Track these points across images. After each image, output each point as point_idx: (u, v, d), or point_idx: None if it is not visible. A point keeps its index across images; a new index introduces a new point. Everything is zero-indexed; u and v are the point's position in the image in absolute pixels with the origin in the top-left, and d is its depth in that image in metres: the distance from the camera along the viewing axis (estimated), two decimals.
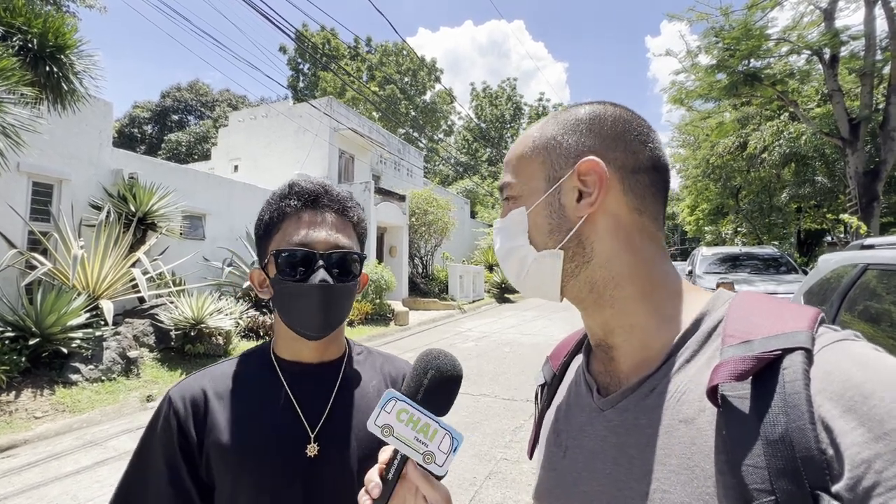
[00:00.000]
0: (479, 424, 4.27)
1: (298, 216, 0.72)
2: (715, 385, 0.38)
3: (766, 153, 14.43)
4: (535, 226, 0.52)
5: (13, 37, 4.29)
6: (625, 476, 0.45)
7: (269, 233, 0.74)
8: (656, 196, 0.51)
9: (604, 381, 0.52)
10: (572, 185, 0.49)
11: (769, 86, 11.12)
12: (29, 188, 6.34)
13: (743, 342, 0.40)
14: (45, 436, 4.03)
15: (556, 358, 0.65)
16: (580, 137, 0.50)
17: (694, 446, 0.40)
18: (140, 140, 34.14)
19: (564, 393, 0.59)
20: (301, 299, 0.70)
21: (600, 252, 0.49)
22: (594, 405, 0.51)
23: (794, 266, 8.26)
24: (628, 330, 0.49)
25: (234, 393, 0.72)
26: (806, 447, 0.33)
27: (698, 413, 0.41)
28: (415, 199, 14.80)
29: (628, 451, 0.45)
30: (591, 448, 0.50)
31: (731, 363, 0.38)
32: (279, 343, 0.77)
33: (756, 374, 0.38)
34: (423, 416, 0.54)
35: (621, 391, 0.48)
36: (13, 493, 3.07)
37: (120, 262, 6.26)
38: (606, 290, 0.49)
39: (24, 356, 4.67)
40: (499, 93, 40.63)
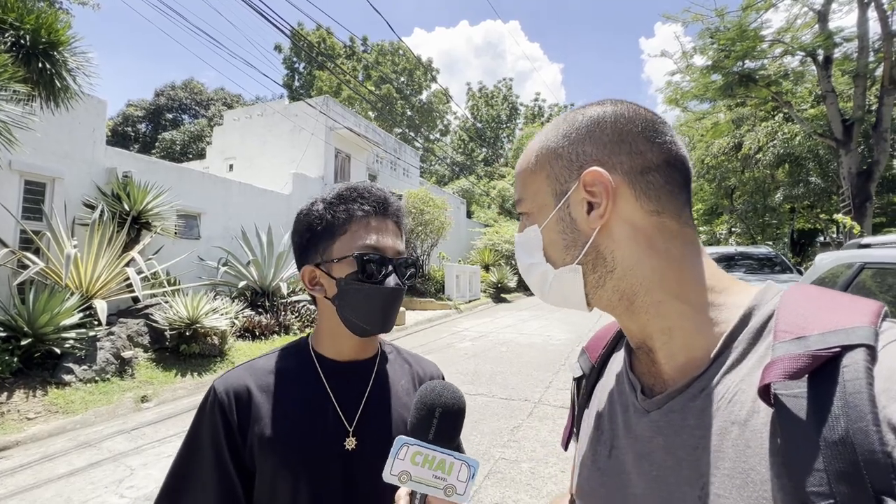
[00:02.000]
0: (476, 424, 4.26)
1: (367, 221, 0.76)
2: (767, 384, 0.36)
3: (760, 154, 14.55)
4: (550, 243, 0.50)
5: (5, 33, 4.24)
6: (674, 479, 0.43)
7: (332, 233, 0.76)
8: (674, 192, 0.48)
9: (648, 381, 0.50)
10: (580, 198, 0.48)
11: (764, 87, 11.21)
12: (21, 187, 6.26)
13: (797, 338, 0.37)
14: (37, 437, 3.97)
15: (593, 350, 0.63)
16: (580, 146, 0.49)
17: (749, 449, 0.38)
18: (134, 138, 33.87)
19: (606, 390, 0.57)
20: (374, 299, 0.74)
21: (622, 260, 0.47)
22: (639, 406, 0.49)
23: (788, 266, 8.33)
24: (667, 333, 0.47)
25: (276, 387, 0.75)
26: (869, 449, 0.32)
27: (752, 414, 0.39)
28: (411, 198, 14.77)
29: (677, 453, 0.44)
30: (637, 449, 0.48)
31: (784, 361, 0.36)
32: (322, 340, 0.80)
33: (813, 372, 0.36)
34: (438, 454, 0.55)
35: (668, 392, 0.46)
36: (5, 495, 3.03)
37: (114, 262, 6.20)
38: (637, 297, 0.47)
39: (16, 356, 4.61)
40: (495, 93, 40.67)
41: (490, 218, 23.30)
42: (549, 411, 4.58)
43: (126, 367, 5.40)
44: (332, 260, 0.75)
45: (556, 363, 6.64)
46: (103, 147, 7.43)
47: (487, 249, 19.03)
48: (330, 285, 0.76)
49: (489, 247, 19.02)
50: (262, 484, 0.70)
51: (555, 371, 6.17)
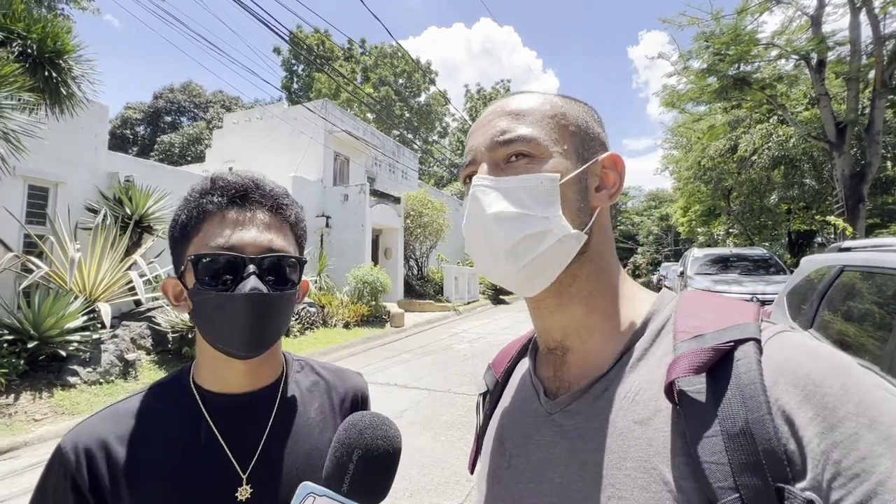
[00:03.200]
0: (473, 424, 4.35)
1: (223, 215, 0.60)
2: (672, 381, 0.37)
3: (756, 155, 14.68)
4: (565, 200, 0.45)
5: (12, 42, 4.33)
6: (577, 484, 0.42)
7: (186, 235, 0.61)
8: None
9: (552, 385, 0.50)
10: (595, 173, 0.48)
11: (758, 90, 11.33)
12: (25, 191, 6.34)
13: (695, 336, 0.39)
14: (45, 438, 4.06)
15: (498, 365, 0.62)
16: (598, 127, 0.50)
17: (651, 448, 0.38)
18: (132, 141, 33.91)
19: (509, 399, 0.55)
20: (227, 312, 0.57)
21: (594, 245, 0.48)
22: (542, 409, 0.48)
23: (782, 267, 8.44)
24: (590, 332, 0.47)
25: (145, 435, 0.60)
26: (766, 439, 0.33)
27: (654, 413, 0.40)
28: (410, 201, 14.87)
29: (580, 457, 0.43)
30: (538, 456, 0.46)
31: (688, 356, 0.38)
32: (201, 369, 0.64)
33: (710, 367, 0.37)
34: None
35: (571, 393, 0.46)
36: (17, 493, 3.11)
37: (116, 265, 6.28)
38: (587, 286, 0.48)
39: (22, 359, 4.69)
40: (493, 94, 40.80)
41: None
42: None
43: (130, 370, 5.48)
44: (182, 268, 0.61)
45: None
46: (105, 152, 7.51)
47: None
48: (188, 300, 0.61)
49: None
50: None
51: None
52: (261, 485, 0.60)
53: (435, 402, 5.02)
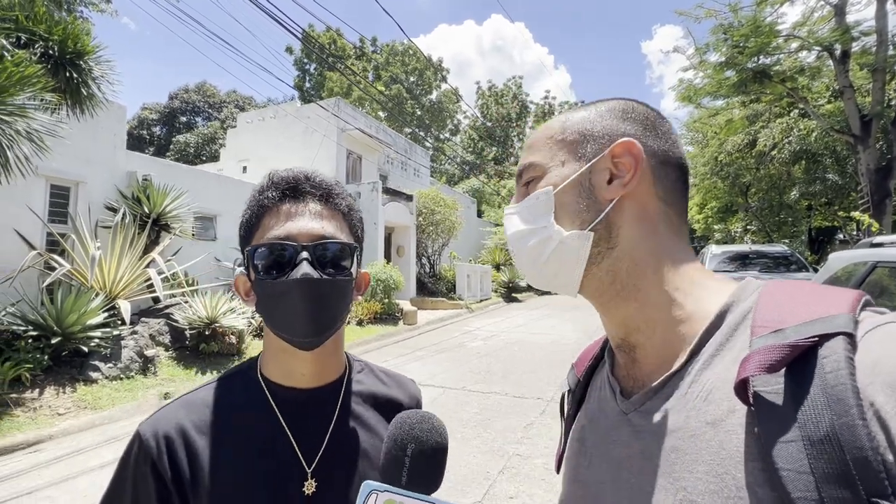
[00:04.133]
0: (490, 421, 4.33)
1: (278, 208, 0.63)
2: (744, 379, 0.34)
3: (775, 150, 14.33)
4: (561, 206, 0.49)
5: (35, 44, 4.42)
6: (650, 485, 0.41)
7: (249, 233, 0.65)
8: (680, 192, 0.50)
9: (627, 384, 0.49)
10: (604, 167, 0.48)
11: (779, 83, 11.05)
12: (47, 191, 6.48)
13: (774, 331, 0.36)
14: (68, 431, 4.14)
15: (580, 364, 0.62)
16: (615, 121, 0.49)
17: (723, 451, 0.36)
18: (149, 141, 34.55)
19: (590, 399, 0.56)
20: (283, 299, 0.60)
21: (626, 238, 0.47)
22: (618, 409, 0.48)
23: (804, 264, 8.23)
24: (651, 326, 0.46)
25: (220, 425, 0.62)
26: (857, 447, 0.29)
27: (727, 414, 0.37)
28: (422, 198, 14.87)
29: (653, 458, 0.42)
30: (616, 456, 0.46)
31: (760, 353, 0.34)
32: (268, 362, 0.67)
33: (791, 365, 0.33)
34: (415, 502, 0.48)
35: (644, 392, 0.45)
36: (43, 485, 3.18)
37: (135, 263, 6.39)
38: (630, 280, 0.46)
39: (46, 355, 4.80)
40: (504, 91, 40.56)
41: (501, 217, 23.26)
42: None
43: (149, 365, 5.57)
44: (247, 263, 0.64)
45: (568, 362, 6.59)
46: (124, 151, 7.65)
47: (498, 249, 19.04)
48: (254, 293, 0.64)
49: (500, 246, 19.03)
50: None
51: (567, 369, 6.19)
52: (325, 480, 0.62)
53: (450, 400, 5.01)
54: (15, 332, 4.88)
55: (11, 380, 4.41)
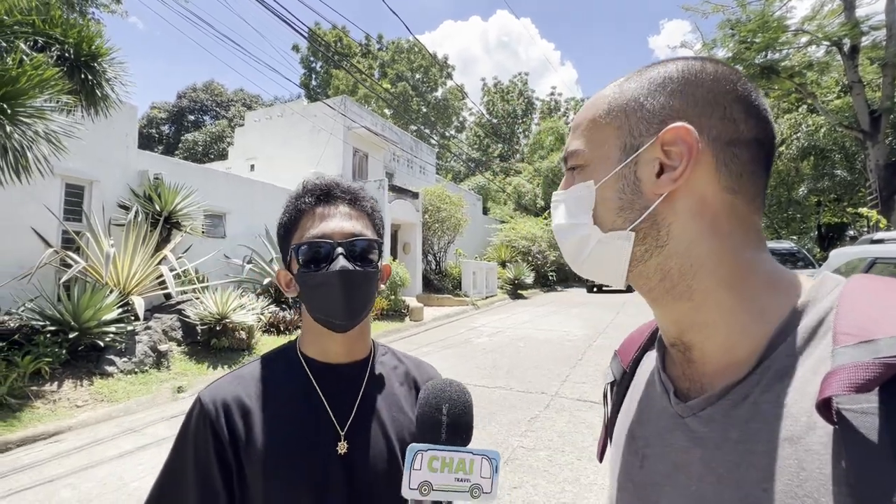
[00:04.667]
0: (494, 415, 4.41)
1: (313, 212, 0.74)
2: (828, 398, 0.30)
3: (783, 146, 14.24)
4: (602, 202, 0.45)
5: (52, 47, 4.54)
6: (713, 496, 0.38)
7: (289, 233, 0.76)
8: (756, 174, 0.42)
9: (682, 384, 0.45)
10: (653, 157, 0.42)
11: (787, 78, 10.97)
12: (62, 190, 6.64)
13: (863, 342, 0.31)
14: (86, 423, 4.29)
15: (625, 353, 0.58)
16: (668, 99, 0.43)
17: (804, 472, 0.33)
18: (158, 140, 34.93)
19: (638, 393, 0.52)
20: (325, 288, 0.71)
21: (678, 236, 0.42)
22: (672, 410, 0.45)
23: (811, 261, 8.22)
24: (709, 327, 0.42)
25: (266, 394, 0.72)
26: None
27: (807, 431, 0.33)
28: (428, 196, 14.94)
29: (717, 470, 0.39)
30: (672, 459, 0.43)
31: (848, 370, 0.30)
32: (306, 341, 0.78)
33: (885, 383, 0.29)
34: (457, 454, 0.52)
35: (705, 397, 0.41)
36: (63, 474, 3.31)
37: (148, 260, 6.54)
38: (682, 280, 0.42)
39: (64, 349, 4.95)
40: (510, 87, 40.47)
41: (506, 214, 23.31)
42: (565, 404, 4.70)
43: (162, 360, 5.71)
44: (288, 259, 0.76)
45: (574, 358, 6.73)
46: (135, 150, 7.79)
47: (504, 246, 19.08)
48: (294, 281, 0.76)
49: (505, 243, 19.08)
50: (256, 494, 0.67)
51: (572, 365, 6.26)
52: (355, 442, 0.72)
53: None
54: (34, 327, 5.04)
55: (32, 373, 4.56)
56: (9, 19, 4.21)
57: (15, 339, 4.86)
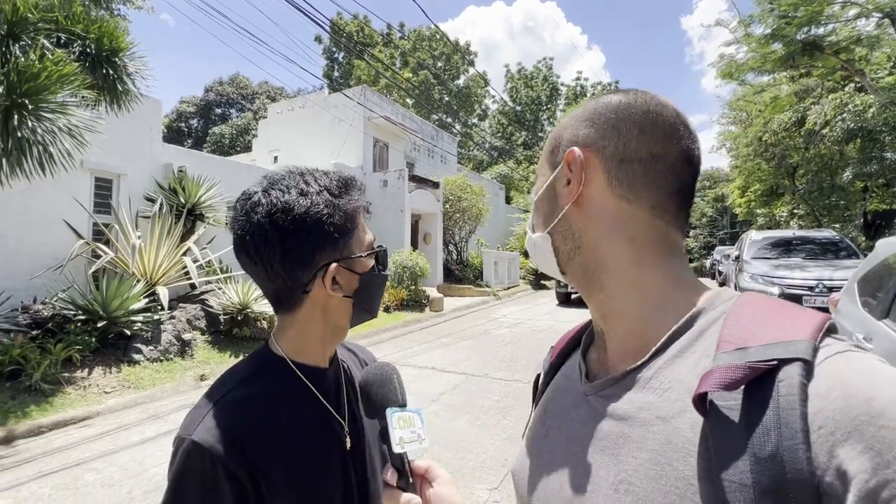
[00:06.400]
0: (510, 409, 4.32)
1: (363, 210, 0.74)
2: (703, 393, 0.36)
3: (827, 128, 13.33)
4: (537, 211, 0.56)
5: (73, 43, 4.63)
6: (596, 462, 0.45)
7: (351, 228, 0.71)
8: (651, 186, 0.48)
9: (594, 367, 0.53)
10: (563, 174, 0.51)
11: (832, 55, 10.22)
12: (92, 183, 6.87)
13: (738, 349, 0.38)
14: (114, 409, 4.45)
15: (556, 348, 0.66)
16: (578, 129, 0.52)
17: (669, 445, 0.39)
18: (187, 134, 35.95)
19: (559, 377, 0.60)
20: (383, 286, 0.78)
21: (588, 238, 0.50)
22: (580, 389, 0.52)
23: (854, 250, 7.68)
24: (617, 315, 0.49)
25: (269, 414, 0.67)
26: (797, 468, 0.32)
27: (679, 413, 0.40)
28: (449, 185, 14.82)
29: (602, 440, 0.45)
30: (571, 432, 0.50)
31: (721, 371, 0.36)
32: (309, 347, 0.73)
33: (749, 384, 0.36)
34: (406, 412, 0.63)
35: (606, 378, 0.48)
36: (89, 458, 3.44)
37: (173, 251, 6.71)
38: (596, 275, 0.50)
39: (93, 337, 5.14)
40: (534, 73, 39.53)
41: (530, 204, 22.92)
42: None
43: (186, 349, 5.87)
44: (352, 255, 0.71)
45: None
46: (160, 144, 7.97)
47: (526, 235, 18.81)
48: (351, 281, 0.71)
49: None
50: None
51: None
52: (354, 434, 0.76)
53: (472, 387, 5.04)
54: (66, 316, 5.25)
55: (64, 360, 4.76)
56: (32, 16, 4.30)
57: (48, 327, 5.08)
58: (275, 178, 0.71)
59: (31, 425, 3.92)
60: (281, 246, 0.66)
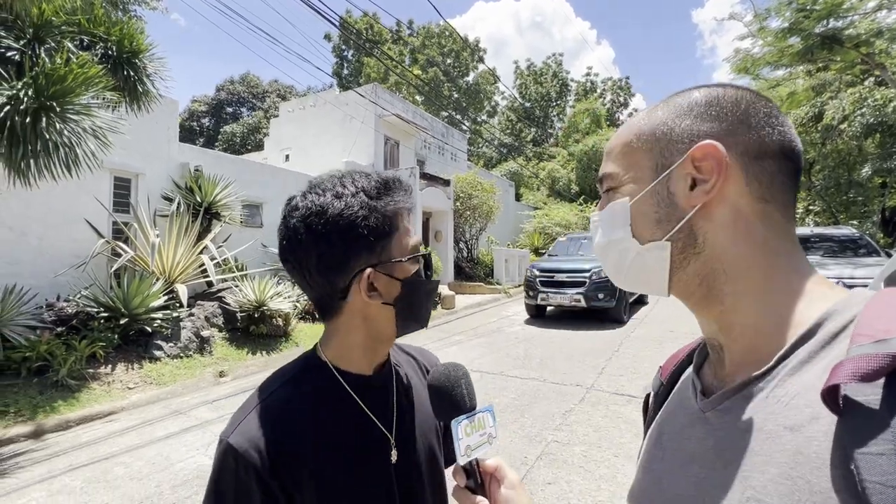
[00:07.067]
0: (528, 407, 4.33)
1: (407, 213, 0.70)
2: (834, 386, 0.32)
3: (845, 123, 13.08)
4: (639, 216, 0.49)
5: (96, 45, 4.71)
6: (719, 481, 0.41)
7: (388, 230, 0.66)
8: (785, 184, 0.46)
9: (710, 383, 0.49)
10: (685, 173, 0.46)
11: (851, 48, 10.04)
12: (111, 183, 6.99)
13: (877, 341, 0.33)
14: (137, 404, 4.54)
15: (665, 369, 0.62)
16: (695, 121, 0.47)
17: (800, 456, 0.35)
18: (199, 133, 36.31)
19: (673, 397, 0.57)
20: (431, 294, 0.73)
21: (713, 243, 0.45)
22: (696, 407, 0.48)
23: (875, 248, 7.54)
24: (738, 328, 0.45)
25: (308, 424, 0.65)
26: None
27: (809, 420, 0.36)
28: (459, 183, 14.81)
29: (725, 455, 0.42)
30: (690, 450, 0.47)
31: (855, 361, 0.33)
32: (352, 355, 0.71)
33: (891, 376, 0.32)
34: (476, 416, 0.62)
35: (723, 392, 0.45)
36: (117, 452, 3.52)
37: (190, 249, 6.81)
38: (716, 285, 0.46)
39: (116, 334, 5.25)
40: (544, 69, 39.27)
41: (539, 200, 22.82)
42: (601, 397, 4.56)
43: (205, 345, 5.97)
44: (391, 260, 0.67)
45: (609, 349, 6.52)
46: (177, 144, 8.08)
47: (537, 233, 18.73)
48: (391, 288, 0.67)
49: (539, 230, 18.72)
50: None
51: (607, 357, 6.07)
52: (402, 447, 0.72)
53: (487, 385, 5.05)
54: (89, 313, 5.36)
55: (88, 356, 4.87)
56: (57, 20, 4.38)
57: (72, 324, 5.19)
58: (315, 182, 0.69)
59: (60, 420, 4.02)
60: (316, 250, 0.64)
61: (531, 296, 8.97)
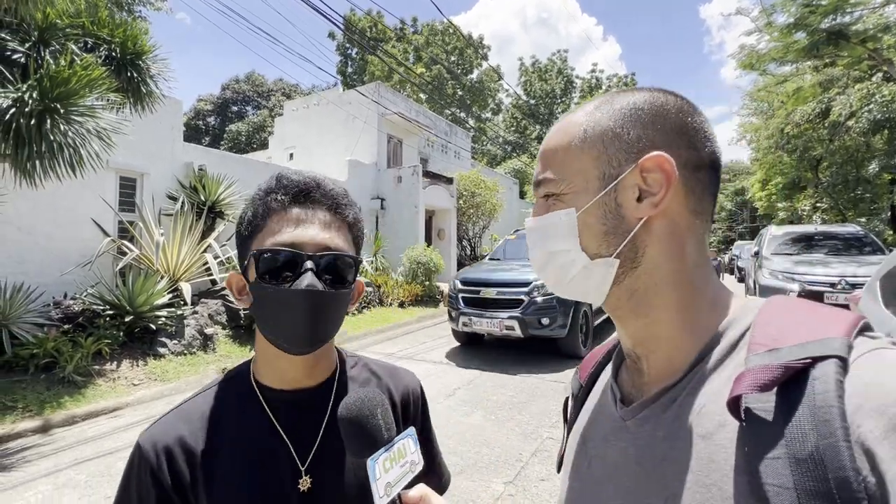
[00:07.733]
0: (525, 404, 4.37)
1: (286, 212, 0.63)
2: (737, 396, 0.35)
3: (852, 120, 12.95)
4: (585, 228, 0.46)
5: (100, 47, 4.78)
6: (643, 491, 0.43)
7: (252, 231, 0.64)
8: (713, 195, 0.47)
9: (628, 390, 0.50)
10: (633, 183, 0.44)
11: (858, 44, 9.91)
12: (117, 182, 7.09)
13: (769, 350, 0.36)
14: (142, 400, 4.63)
15: (584, 370, 0.63)
16: (643, 130, 0.45)
17: (712, 464, 0.37)
18: (205, 132, 36.57)
19: (592, 403, 0.57)
20: (284, 308, 0.60)
21: (649, 258, 0.45)
22: (617, 415, 0.49)
23: (879, 246, 7.47)
24: (657, 341, 0.46)
25: (215, 433, 0.64)
26: (840, 467, 0.30)
27: (718, 428, 0.38)
28: (462, 181, 14.82)
29: (645, 465, 0.43)
30: (613, 459, 0.48)
31: (754, 372, 0.35)
32: (260, 364, 0.68)
33: (783, 385, 0.34)
34: (395, 446, 0.56)
35: (641, 402, 0.46)
36: (123, 446, 3.60)
37: (194, 248, 6.90)
38: (645, 298, 0.46)
39: (121, 331, 5.34)
40: (548, 66, 39.07)
41: None
42: None
43: (209, 343, 6.05)
44: (245, 263, 0.64)
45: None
46: (181, 143, 8.16)
47: None
48: (251, 293, 0.64)
49: None
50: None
51: None
52: (319, 476, 0.64)
53: (487, 382, 5.09)
54: (95, 311, 5.46)
55: (94, 353, 4.96)
56: (61, 23, 4.45)
57: (79, 322, 5.29)
58: None
59: (66, 415, 4.11)
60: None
61: (453, 317, 6.55)
